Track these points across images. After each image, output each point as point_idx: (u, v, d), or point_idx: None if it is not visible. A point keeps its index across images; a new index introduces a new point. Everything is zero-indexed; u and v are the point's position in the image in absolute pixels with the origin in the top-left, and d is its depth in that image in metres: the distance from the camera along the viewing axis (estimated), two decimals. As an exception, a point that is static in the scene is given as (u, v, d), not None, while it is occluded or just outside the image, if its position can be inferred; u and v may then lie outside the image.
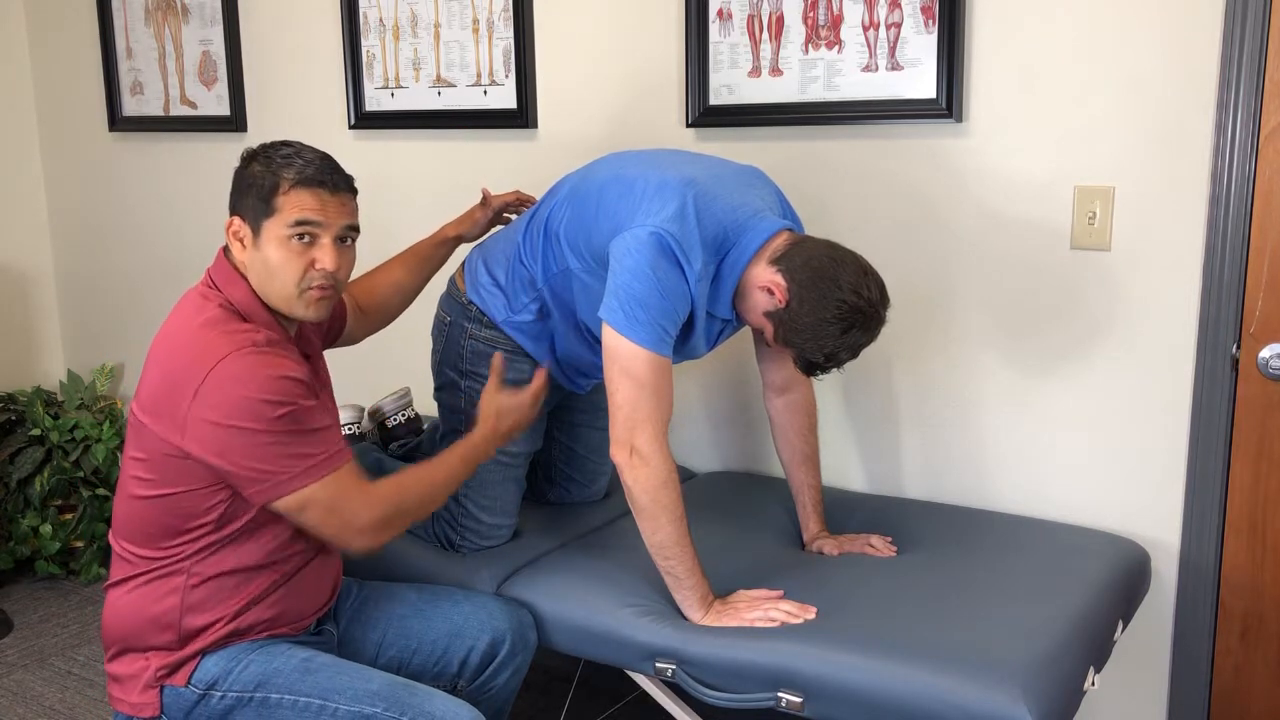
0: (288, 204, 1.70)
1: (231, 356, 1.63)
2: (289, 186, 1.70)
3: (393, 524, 1.76)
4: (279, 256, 1.71)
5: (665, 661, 1.85)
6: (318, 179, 1.72)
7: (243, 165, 1.76)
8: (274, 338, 1.71)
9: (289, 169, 1.71)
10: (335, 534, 1.72)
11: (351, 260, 1.79)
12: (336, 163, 1.78)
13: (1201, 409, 2.12)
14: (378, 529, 1.73)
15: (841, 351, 1.84)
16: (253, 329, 1.70)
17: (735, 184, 1.96)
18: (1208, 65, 2.02)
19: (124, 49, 3.40)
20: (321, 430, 1.69)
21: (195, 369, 1.64)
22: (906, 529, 2.20)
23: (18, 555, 3.34)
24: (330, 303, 1.77)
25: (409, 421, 2.59)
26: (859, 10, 2.28)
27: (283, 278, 1.72)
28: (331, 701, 1.69)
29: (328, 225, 1.72)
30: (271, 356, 1.66)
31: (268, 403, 1.62)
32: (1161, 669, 2.25)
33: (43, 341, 3.83)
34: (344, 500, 1.69)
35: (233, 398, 1.61)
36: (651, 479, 1.83)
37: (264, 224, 1.71)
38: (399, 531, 1.78)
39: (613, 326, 1.84)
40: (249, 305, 1.74)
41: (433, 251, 2.26)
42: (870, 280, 1.84)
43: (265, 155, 1.74)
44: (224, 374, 1.62)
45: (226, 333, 1.67)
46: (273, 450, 1.63)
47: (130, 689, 1.75)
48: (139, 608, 1.74)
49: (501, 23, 2.73)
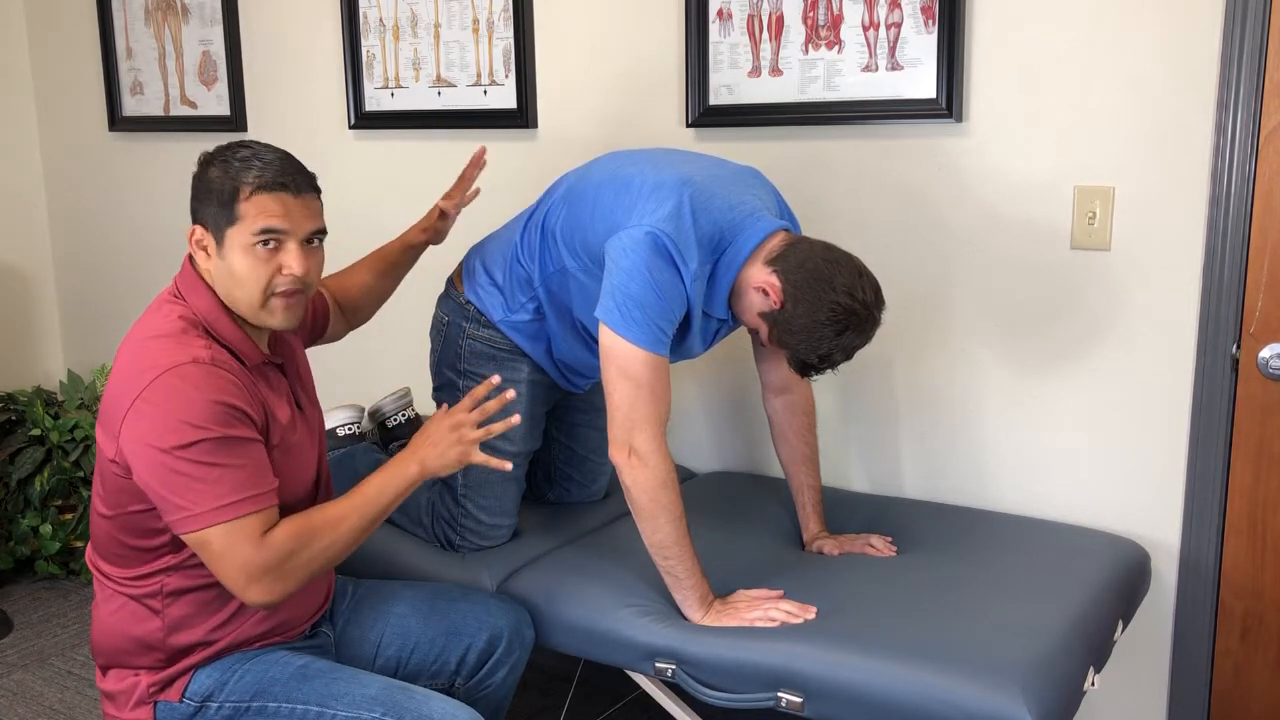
0: (250, 210, 1.63)
1: (170, 372, 1.57)
2: (250, 192, 1.63)
3: (290, 576, 1.62)
4: (244, 264, 1.64)
5: (665, 661, 1.85)
6: (279, 182, 1.64)
7: (200, 170, 1.68)
8: (220, 356, 1.63)
9: (248, 172, 1.63)
10: (229, 583, 1.61)
11: (320, 261, 1.73)
12: (298, 162, 1.70)
13: (1201, 409, 2.12)
14: (272, 583, 1.60)
15: (835, 353, 1.84)
16: (203, 344, 1.63)
17: (732, 184, 1.96)
18: (1208, 65, 2.02)
19: (124, 49, 3.40)
20: (234, 469, 1.58)
21: (135, 382, 1.58)
22: (906, 529, 2.20)
23: (18, 555, 3.34)
24: (300, 309, 1.71)
25: (409, 421, 2.59)
26: (859, 10, 2.28)
27: (249, 286, 1.65)
28: (329, 708, 1.68)
29: (293, 230, 1.65)
30: (209, 377, 1.58)
31: (189, 425, 1.55)
32: (1161, 669, 2.25)
33: (43, 341, 3.83)
34: (237, 551, 1.58)
35: (159, 414, 1.55)
36: (650, 479, 1.83)
37: (227, 232, 1.64)
38: (300, 583, 1.65)
39: (609, 326, 1.84)
40: (212, 315, 1.67)
41: (400, 257, 2.20)
42: (865, 282, 1.84)
43: (223, 159, 1.66)
44: (159, 388, 1.57)
45: (172, 346, 1.61)
46: (180, 481, 1.56)
47: (122, 705, 1.74)
48: (122, 630, 1.71)
49: (501, 23, 2.73)
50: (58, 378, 3.83)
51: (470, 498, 2.15)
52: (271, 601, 1.62)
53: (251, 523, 1.59)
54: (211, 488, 1.56)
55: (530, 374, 2.15)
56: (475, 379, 2.13)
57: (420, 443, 1.74)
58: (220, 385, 1.59)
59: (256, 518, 1.60)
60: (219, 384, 1.59)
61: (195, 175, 1.69)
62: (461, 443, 1.73)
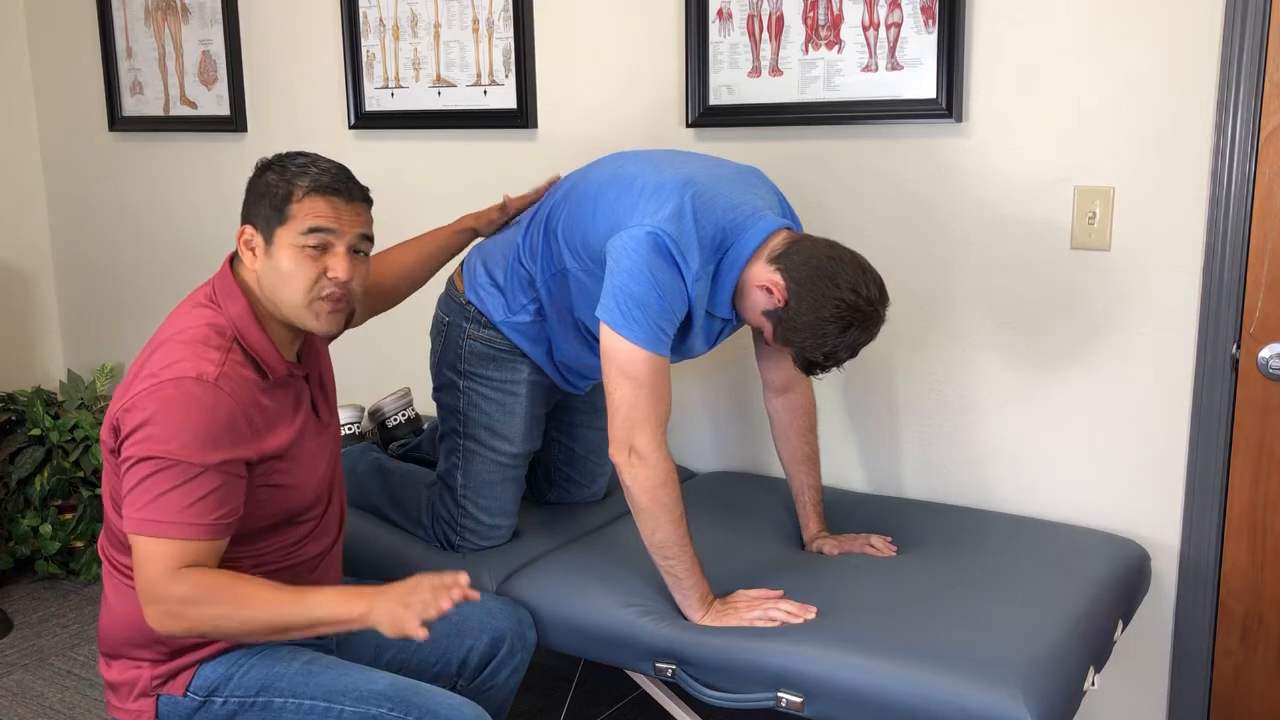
0: (301, 211, 1.68)
1: (170, 383, 1.60)
2: (303, 194, 1.68)
3: (180, 619, 1.59)
4: (291, 264, 1.68)
5: (665, 661, 1.85)
6: (333, 187, 1.70)
7: (257, 175, 1.74)
8: (232, 372, 1.64)
9: (303, 177, 1.69)
10: (139, 593, 1.61)
11: (365, 274, 1.76)
12: (352, 174, 1.76)
13: (1201, 409, 2.12)
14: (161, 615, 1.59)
15: (840, 350, 1.84)
16: (219, 358, 1.64)
17: (734, 184, 1.96)
18: (1208, 65, 2.02)
19: (124, 49, 3.40)
20: (181, 493, 1.57)
21: (140, 381, 1.62)
22: (906, 529, 2.20)
23: (18, 555, 3.34)
24: (343, 315, 1.74)
25: (409, 421, 2.60)
26: (859, 10, 2.28)
27: (294, 285, 1.69)
28: (337, 703, 1.68)
29: (341, 233, 1.70)
30: (207, 396, 1.60)
31: (162, 440, 1.57)
32: (1161, 669, 2.25)
33: (43, 341, 3.83)
34: (148, 567, 1.58)
35: (143, 418, 1.59)
36: (651, 479, 1.83)
37: (277, 231, 1.69)
38: (188, 632, 1.62)
39: (610, 326, 1.84)
40: (243, 322, 1.70)
41: (450, 240, 2.23)
42: (869, 279, 1.84)
43: (280, 164, 1.72)
44: (154, 394, 1.59)
45: (188, 354, 1.63)
46: (132, 481, 1.59)
47: (125, 697, 1.74)
48: (131, 619, 1.71)
49: (501, 23, 2.73)
50: (58, 378, 3.83)
51: (470, 498, 2.15)
52: (159, 629, 1.61)
53: (171, 548, 1.58)
54: (152, 500, 1.58)
55: (530, 374, 2.15)
56: (475, 379, 2.13)
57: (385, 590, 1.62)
58: (215, 407, 1.60)
59: (178, 545, 1.58)
60: (214, 405, 1.60)
61: (251, 180, 1.74)
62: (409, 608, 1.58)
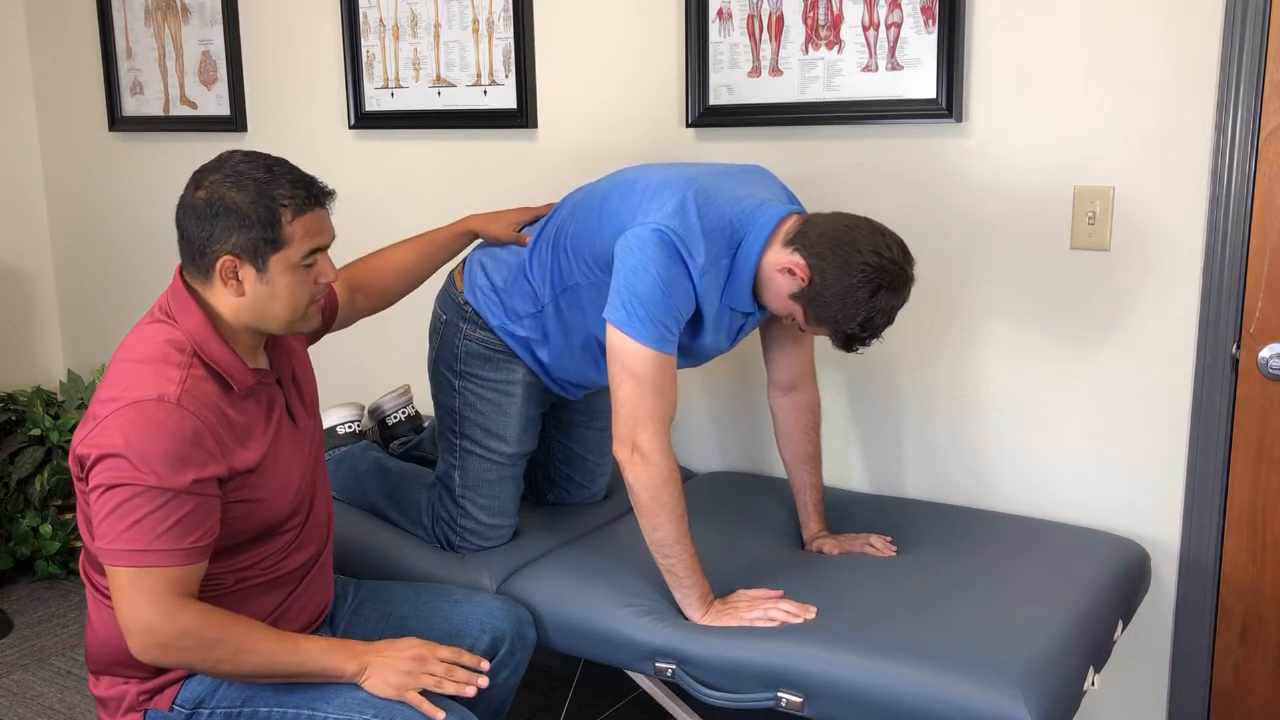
0: (298, 233, 1.64)
1: (130, 407, 1.56)
2: (293, 215, 1.63)
3: (173, 653, 1.59)
4: (291, 283, 1.66)
5: (665, 661, 1.85)
6: (315, 199, 1.66)
7: (207, 197, 1.62)
8: (193, 389, 1.60)
9: (280, 194, 1.62)
10: (119, 619, 1.59)
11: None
12: (312, 175, 1.71)
13: (1201, 409, 2.12)
14: (148, 647, 1.58)
15: (876, 316, 1.82)
16: (179, 376, 1.60)
17: (738, 179, 1.97)
18: (1208, 65, 2.02)
19: (124, 49, 3.40)
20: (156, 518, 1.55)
21: (102, 406, 1.59)
22: (907, 529, 2.20)
23: (18, 555, 3.34)
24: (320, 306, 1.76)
25: (409, 419, 2.60)
26: (859, 10, 2.28)
27: (294, 303, 1.68)
28: (320, 711, 1.67)
29: (330, 242, 1.71)
30: (169, 417, 1.56)
31: (129, 465, 1.53)
32: (1161, 669, 2.25)
33: (43, 341, 3.83)
34: (134, 598, 1.56)
35: (108, 445, 1.55)
36: (652, 477, 1.83)
37: (271, 258, 1.63)
38: (177, 665, 1.64)
39: (614, 324, 1.84)
40: (201, 335, 1.65)
41: (450, 241, 2.20)
42: (889, 240, 1.83)
43: (234, 180, 1.62)
44: (117, 420, 1.56)
45: (147, 375, 1.59)
46: (102, 512, 1.56)
47: (113, 711, 1.73)
48: (114, 640, 1.68)
49: (501, 23, 2.73)
50: (58, 378, 3.83)
51: (469, 498, 2.15)
52: (142, 658, 1.60)
53: (155, 576, 1.56)
54: (126, 530, 1.55)
55: (525, 375, 2.15)
56: (471, 379, 2.13)
57: (381, 649, 1.69)
58: (179, 427, 1.57)
59: (157, 574, 1.56)
60: (179, 426, 1.57)
61: (201, 203, 1.63)
62: (412, 675, 1.67)
